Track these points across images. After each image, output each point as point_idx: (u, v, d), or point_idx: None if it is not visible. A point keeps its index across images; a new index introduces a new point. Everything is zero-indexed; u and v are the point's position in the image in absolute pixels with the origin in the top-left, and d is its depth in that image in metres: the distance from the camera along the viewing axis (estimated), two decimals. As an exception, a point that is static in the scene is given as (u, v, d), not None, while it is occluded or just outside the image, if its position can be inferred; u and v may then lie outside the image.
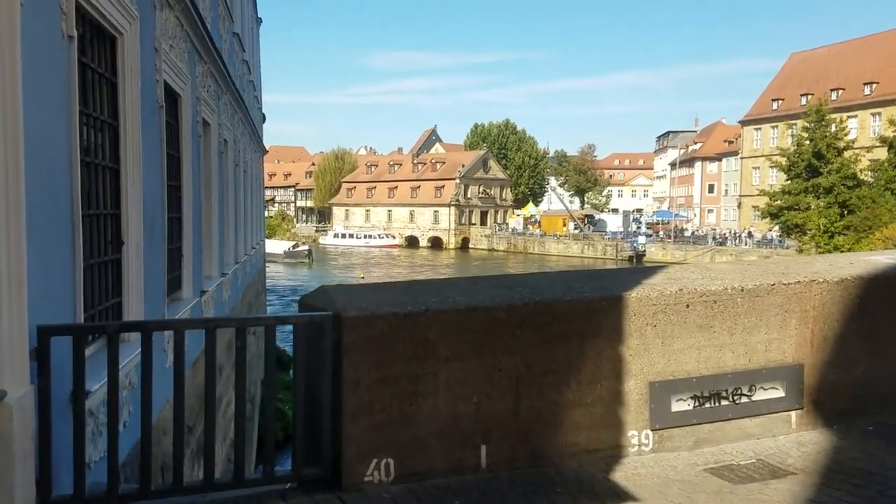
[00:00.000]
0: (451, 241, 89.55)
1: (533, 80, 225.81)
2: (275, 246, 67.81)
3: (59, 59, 3.89)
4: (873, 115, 64.85)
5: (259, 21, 21.41)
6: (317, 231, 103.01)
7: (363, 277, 51.95)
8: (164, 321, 5.74)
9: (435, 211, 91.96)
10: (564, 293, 3.80)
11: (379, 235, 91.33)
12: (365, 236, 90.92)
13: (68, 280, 3.99)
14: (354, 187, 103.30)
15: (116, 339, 3.30)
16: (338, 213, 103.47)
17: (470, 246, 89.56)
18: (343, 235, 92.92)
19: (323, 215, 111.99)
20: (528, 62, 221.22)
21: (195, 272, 8.39)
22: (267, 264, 33.59)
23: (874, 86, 66.94)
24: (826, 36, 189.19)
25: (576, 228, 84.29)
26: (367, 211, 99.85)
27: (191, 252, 8.12)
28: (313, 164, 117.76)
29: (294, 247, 68.00)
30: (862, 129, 61.35)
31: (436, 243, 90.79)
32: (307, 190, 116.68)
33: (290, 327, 3.53)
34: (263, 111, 24.32)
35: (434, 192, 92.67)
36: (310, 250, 66.88)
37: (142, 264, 5.44)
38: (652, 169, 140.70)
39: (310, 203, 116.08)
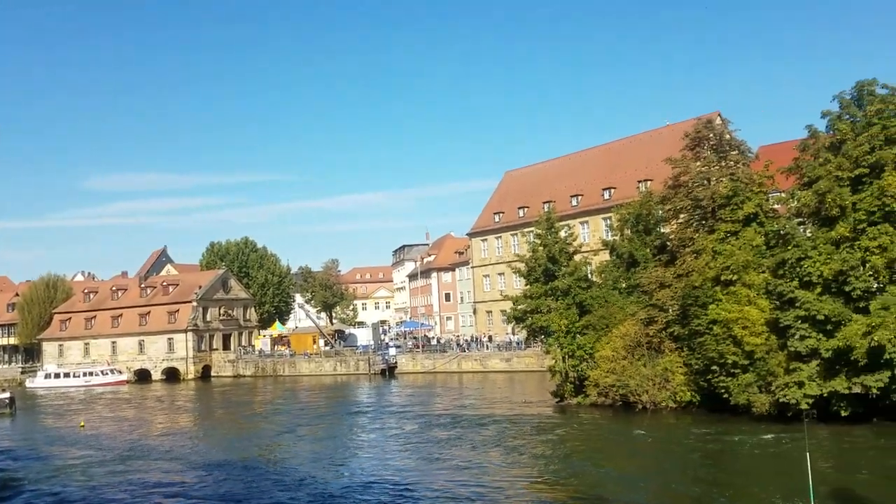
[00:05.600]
0: (190, 370, 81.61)
1: (270, 202, 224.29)
2: (-38, 399, 55.78)
3: None
4: (582, 223, 73.16)
5: None
6: (23, 373, 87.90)
7: (83, 426, 44.10)
8: None
9: (169, 338, 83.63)
10: None
11: (102, 372, 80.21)
12: (84, 374, 79.31)
13: None
14: (70, 318, 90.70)
15: None
16: (49, 349, 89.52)
17: (212, 374, 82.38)
18: (57, 375, 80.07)
19: (31, 354, 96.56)
20: (266, 184, 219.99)
21: None
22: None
23: (580, 198, 75.97)
24: (534, 155, 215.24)
25: (327, 345, 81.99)
26: (87, 344, 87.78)
27: None
28: (17, 295, 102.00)
29: (-10, 395, 56.28)
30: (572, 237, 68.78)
31: (171, 375, 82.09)
32: (10, 325, 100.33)
33: None
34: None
35: (167, 317, 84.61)
36: (12, 398, 55.80)
37: None
38: (391, 281, 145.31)
39: (14, 340, 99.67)
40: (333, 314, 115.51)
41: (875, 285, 29.35)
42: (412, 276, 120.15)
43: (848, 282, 28.82)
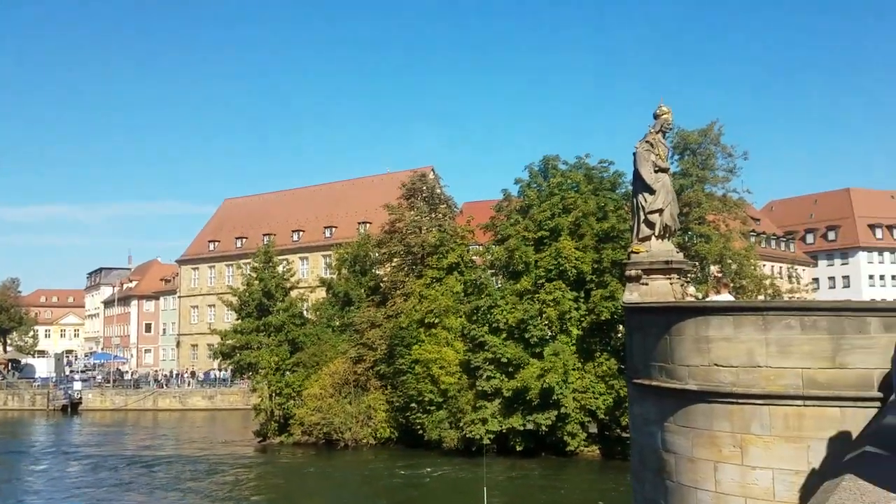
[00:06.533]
0: None
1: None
2: None
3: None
4: (302, 259, 73.40)
5: None
6: None
7: None
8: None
9: None
10: None
11: None
12: None
13: None
14: None
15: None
16: None
17: None
18: None
19: None
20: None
21: None
22: None
23: (301, 233, 76.26)
24: (256, 185, 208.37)
25: (-4, 377, 70.88)
26: None
27: None
28: None
29: None
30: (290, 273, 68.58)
31: None
32: None
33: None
34: None
35: None
36: None
37: None
38: (83, 307, 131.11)
39: None
40: (9, 341, 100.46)
41: (549, 334, 33.76)
42: (109, 303, 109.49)
43: (528, 329, 32.77)
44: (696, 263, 38.09)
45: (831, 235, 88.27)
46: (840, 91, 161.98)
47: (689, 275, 34.40)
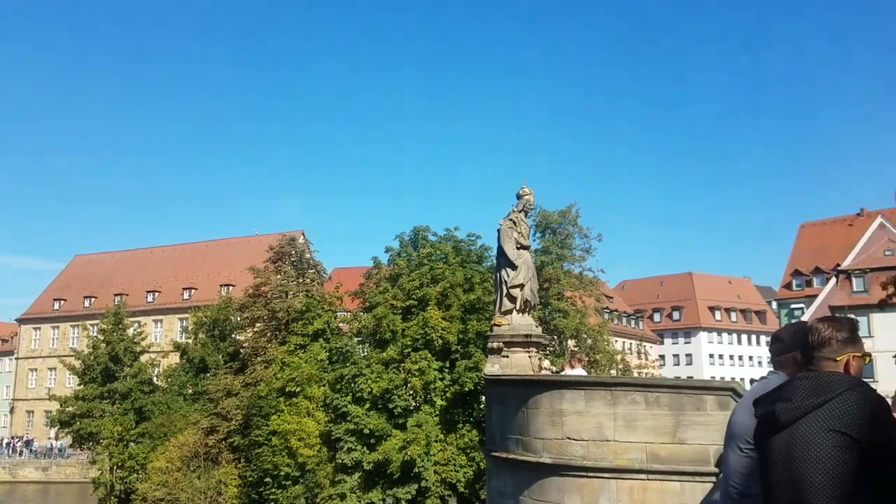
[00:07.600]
0: None
1: None
2: None
3: None
4: (156, 321, 69.44)
5: None
6: None
7: None
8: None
9: None
10: None
11: None
12: None
13: None
14: None
15: None
16: None
17: None
18: None
19: None
20: None
21: None
22: None
23: (157, 294, 72.34)
24: (110, 241, 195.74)
25: None
26: None
27: None
28: None
29: None
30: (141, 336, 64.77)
31: None
32: None
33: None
34: None
35: None
36: None
37: None
38: None
39: None
40: None
41: (413, 404, 33.55)
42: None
43: (392, 399, 32.42)
44: (555, 337, 39.52)
45: (676, 315, 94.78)
46: (685, 181, 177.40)
47: (547, 348, 35.58)
